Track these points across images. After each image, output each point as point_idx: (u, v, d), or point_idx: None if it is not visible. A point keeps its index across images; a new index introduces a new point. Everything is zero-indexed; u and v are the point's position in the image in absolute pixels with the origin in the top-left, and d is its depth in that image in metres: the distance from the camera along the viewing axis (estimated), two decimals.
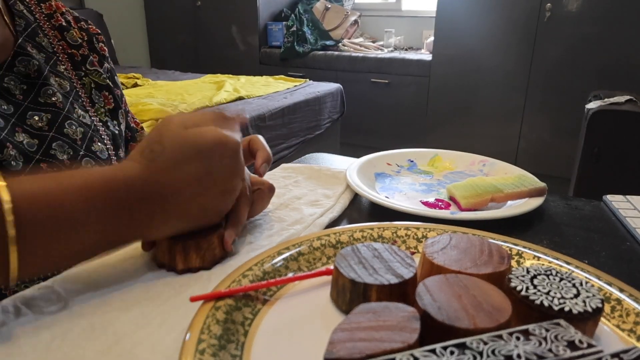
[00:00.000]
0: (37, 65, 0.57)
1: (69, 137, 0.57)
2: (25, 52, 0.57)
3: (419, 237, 0.47)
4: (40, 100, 0.57)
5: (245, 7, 3.54)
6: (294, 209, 0.56)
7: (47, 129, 0.56)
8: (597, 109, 1.92)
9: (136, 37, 4.01)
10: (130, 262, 0.44)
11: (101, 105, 0.65)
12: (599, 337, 0.35)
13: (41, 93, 0.57)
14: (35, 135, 0.55)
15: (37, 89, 0.57)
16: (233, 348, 0.32)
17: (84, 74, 0.65)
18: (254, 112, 2.08)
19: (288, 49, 3.44)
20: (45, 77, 0.58)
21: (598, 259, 0.49)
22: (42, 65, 0.58)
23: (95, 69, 0.66)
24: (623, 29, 2.46)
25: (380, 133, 3.31)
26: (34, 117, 0.55)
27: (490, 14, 2.78)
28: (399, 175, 0.72)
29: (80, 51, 0.65)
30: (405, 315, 0.30)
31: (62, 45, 0.64)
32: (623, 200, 0.62)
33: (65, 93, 0.60)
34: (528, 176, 0.64)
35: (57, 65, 0.61)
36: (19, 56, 0.56)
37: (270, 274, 0.40)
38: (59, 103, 0.58)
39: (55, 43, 0.63)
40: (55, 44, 0.63)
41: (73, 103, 0.60)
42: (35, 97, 0.56)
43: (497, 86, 2.87)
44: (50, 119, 0.56)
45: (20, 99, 0.55)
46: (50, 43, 0.62)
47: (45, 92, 0.57)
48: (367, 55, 3.29)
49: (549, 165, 2.76)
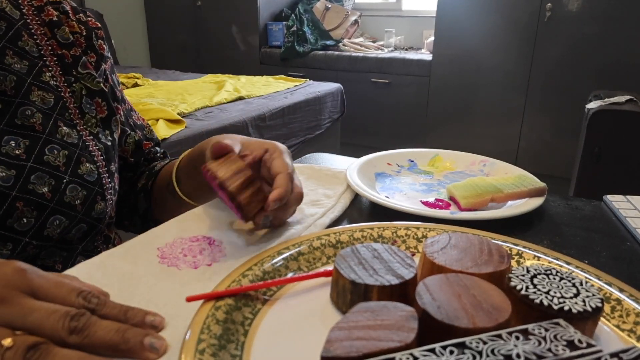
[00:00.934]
0: (14, 81, 0.52)
1: (50, 164, 0.52)
2: (2, 65, 0.51)
3: (419, 237, 0.47)
4: (17, 122, 0.51)
5: (245, 7, 3.54)
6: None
7: (24, 157, 0.50)
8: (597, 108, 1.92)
9: (136, 37, 4.01)
10: (132, 262, 0.44)
11: (92, 115, 0.60)
12: (598, 337, 0.35)
13: (18, 114, 0.51)
14: (12, 165, 0.49)
15: (14, 108, 0.51)
16: (233, 348, 0.32)
17: (74, 80, 0.59)
18: (254, 112, 2.08)
19: (288, 48, 3.44)
20: (23, 95, 0.52)
21: (598, 259, 0.49)
22: (22, 78, 0.53)
23: (88, 72, 0.60)
24: (623, 29, 2.46)
25: (381, 133, 3.31)
26: (10, 142, 0.50)
27: (490, 14, 2.78)
28: (399, 175, 0.72)
29: (72, 51, 0.59)
30: (404, 315, 0.30)
31: (52, 45, 0.58)
32: (623, 200, 0.62)
33: (48, 109, 0.54)
34: (528, 176, 0.64)
35: (42, 74, 0.55)
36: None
37: (270, 274, 0.40)
38: (38, 125, 0.52)
39: (44, 43, 0.57)
40: (43, 44, 0.57)
41: (57, 121, 0.55)
42: (11, 118, 0.51)
43: (497, 86, 2.87)
44: (29, 145, 0.51)
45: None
46: (37, 44, 0.56)
47: (22, 112, 0.52)
48: (367, 55, 3.29)
49: (549, 165, 2.76)
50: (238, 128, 1.96)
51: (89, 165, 0.56)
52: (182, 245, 0.47)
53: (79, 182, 0.54)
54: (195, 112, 2.02)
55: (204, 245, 0.47)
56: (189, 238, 0.49)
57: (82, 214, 0.54)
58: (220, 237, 0.49)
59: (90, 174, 0.56)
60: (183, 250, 0.46)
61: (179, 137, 1.71)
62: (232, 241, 0.48)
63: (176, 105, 2.04)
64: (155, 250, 0.46)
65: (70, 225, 0.53)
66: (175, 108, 1.97)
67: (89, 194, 0.55)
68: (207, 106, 2.11)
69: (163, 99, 2.16)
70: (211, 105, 2.14)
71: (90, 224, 0.56)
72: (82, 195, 0.54)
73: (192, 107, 2.04)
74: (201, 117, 1.96)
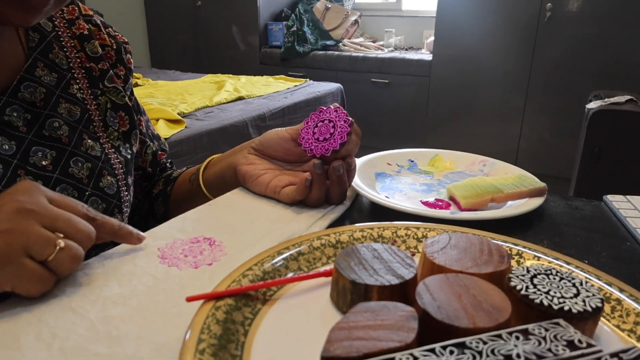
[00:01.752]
0: (43, 93, 0.53)
1: (74, 177, 0.54)
2: (33, 77, 0.53)
3: (419, 237, 0.47)
4: (44, 134, 0.53)
5: (245, 7, 3.54)
6: (296, 208, 0.56)
7: (51, 169, 0.52)
8: (597, 108, 1.92)
9: (136, 37, 4.01)
10: (132, 262, 0.44)
11: (115, 128, 0.61)
12: (598, 337, 0.35)
13: (46, 125, 0.53)
14: (39, 176, 0.51)
15: (42, 120, 0.53)
16: (233, 348, 0.32)
17: (101, 93, 0.60)
18: (255, 112, 2.09)
19: (288, 48, 3.44)
20: (52, 107, 0.54)
21: (598, 259, 0.49)
22: (51, 90, 0.54)
23: (114, 86, 0.61)
24: (623, 29, 2.46)
25: (381, 133, 3.31)
26: (37, 153, 0.52)
27: (490, 14, 2.78)
28: (399, 175, 0.72)
29: (100, 65, 0.60)
30: (404, 315, 0.30)
31: (81, 58, 0.59)
32: (623, 200, 0.62)
33: (74, 122, 0.56)
34: (528, 176, 0.64)
35: (70, 86, 0.57)
36: (25, 81, 0.52)
37: (270, 274, 0.40)
38: (65, 138, 0.54)
39: (73, 56, 0.58)
40: (72, 57, 0.58)
41: (82, 133, 0.56)
42: (39, 129, 0.52)
43: (497, 86, 2.87)
44: (55, 157, 0.53)
45: (24, 132, 0.51)
46: (67, 57, 0.57)
47: (50, 124, 0.53)
48: (367, 55, 3.29)
49: (549, 165, 2.76)
50: (238, 128, 1.96)
51: (110, 178, 0.58)
52: (183, 246, 0.47)
53: (99, 195, 0.56)
54: (195, 112, 2.02)
55: (205, 246, 0.47)
56: (189, 239, 0.49)
57: None
58: (220, 237, 0.49)
59: (110, 187, 0.58)
60: (184, 250, 0.46)
61: (179, 137, 1.71)
62: (233, 241, 0.48)
63: (176, 105, 2.04)
64: (156, 250, 0.46)
65: None
66: (176, 108, 1.97)
67: (108, 206, 0.57)
68: (207, 106, 2.11)
69: (163, 99, 2.16)
70: (211, 105, 2.14)
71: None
72: (101, 208, 0.56)
73: (192, 107, 2.05)
74: (201, 117, 1.97)
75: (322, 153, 0.54)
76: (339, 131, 0.53)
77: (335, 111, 0.55)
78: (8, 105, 0.51)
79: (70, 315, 0.36)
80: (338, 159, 0.54)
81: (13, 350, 0.32)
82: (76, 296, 0.38)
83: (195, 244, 0.48)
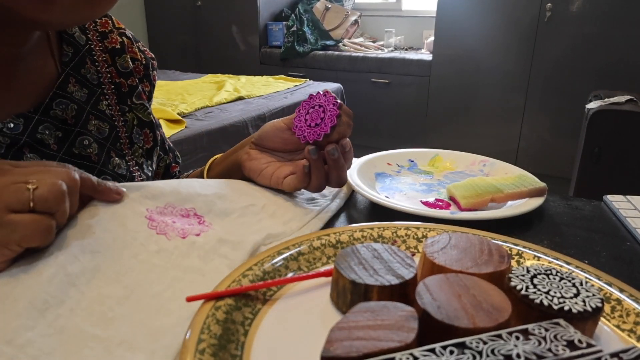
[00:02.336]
0: (75, 109, 0.53)
1: None
2: (65, 93, 0.53)
3: (419, 237, 0.47)
4: (74, 152, 0.53)
5: (245, 7, 3.54)
6: (289, 208, 0.56)
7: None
8: (597, 109, 1.92)
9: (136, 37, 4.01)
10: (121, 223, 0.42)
11: (140, 145, 0.61)
12: (598, 337, 0.35)
13: (76, 143, 0.53)
14: None
15: (73, 137, 0.53)
16: (233, 348, 0.32)
17: (129, 109, 0.60)
18: (254, 112, 2.09)
19: (288, 48, 3.44)
20: (82, 124, 0.54)
21: (598, 259, 0.49)
22: (82, 106, 0.54)
23: (141, 103, 0.61)
24: (623, 29, 2.46)
25: (381, 133, 3.31)
26: None
27: (490, 14, 2.78)
28: (399, 175, 0.72)
29: (129, 81, 0.60)
30: (404, 315, 0.30)
31: (111, 73, 0.59)
32: (623, 200, 0.62)
33: (103, 139, 0.56)
34: (528, 176, 0.64)
35: (100, 102, 0.57)
36: (57, 98, 0.52)
37: (270, 274, 0.40)
38: (94, 156, 0.54)
39: (104, 70, 0.58)
40: (103, 71, 0.58)
41: (110, 151, 0.57)
42: (70, 147, 0.52)
43: (497, 86, 2.87)
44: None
45: (55, 150, 0.51)
46: (98, 72, 0.57)
47: (80, 142, 0.53)
48: (367, 55, 3.29)
49: (549, 165, 2.76)
50: (238, 128, 1.96)
51: None
52: (173, 215, 0.46)
53: None
54: (195, 112, 2.02)
55: (193, 221, 0.46)
56: (180, 209, 0.47)
57: None
58: (211, 219, 0.48)
59: None
60: (172, 219, 0.45)
61: (179, 137, 1.71)
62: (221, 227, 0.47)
63: (176, 105, 2.04)
64: (144, 211, 0.44)
65: None
66: (175, 108, 1.97)
67: None
68: (207, 106, 2.11)
69: (163, 99, 2.16)
70: (211, 105, 2.14)
71: None
72: None
73: (192, 107, 2.05)
74: (201, 117, 1.97)
75: (314, 138, 0.54)
76: (328, 115, 0.54)
77: (324, 96, 0.55)
78: (40, 124, 0.50)
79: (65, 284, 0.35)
80: (332, 142, 0.54)
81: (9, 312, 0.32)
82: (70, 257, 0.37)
83: (185, 219, 0.46)
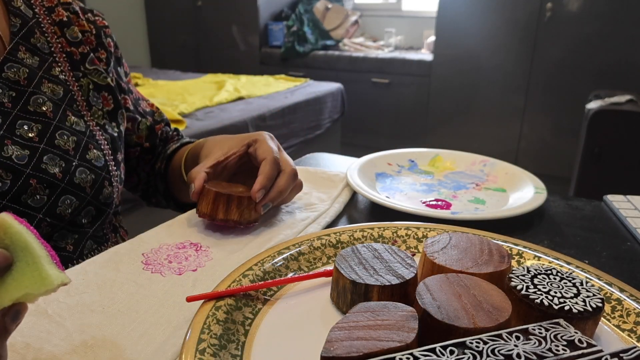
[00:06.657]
0: (27, 73, 0.55)
1: (61, 148, 0.56)
2: (15, 59, 0.55)
3: (420, 237, 0.47)
4: (29, 109, 0.55)
5: (245, 7, 3.53)
6: (287, 212, 0.56)
7: (37, 140, 0.54)
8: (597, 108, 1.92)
9: (136, 37, 4.01)
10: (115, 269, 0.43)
11: (99, 107, 0.63)
12: (599, 337, 0.35)
13: (30, 102, 0.55)
14: (26, 146, 0.53)
15: (27, 96, 0.55)
16: (233, 348, 0.32)
17: (82, 75, 0.62)
18: (255, 112, 2.08)
19: (288, 48, 3.44)
20: (35, 85, 0.56)
21: (599, 259, 0.49)
22: (34, 71, 0.56)
23: (95, 68, 0.63)
24: (623, 28, 2.46)
25: (381, 133, 3.31)
26: (23, 126, 0.54)
27: (491, 14, 2.78)
28: (399, 175, 0.72)
29: (80, 49, 0.62)
30: (404, 315, 0.30)
31: (61, 43, 0.61)
32: (624, 200, 0.62)
33: (58, 100, 0.58)
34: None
35: (52, 69, 0.59)
36: (8, 62, 0.54)
37: (270, 274, 0.40)
38: (49, 112, 0.56)
39: (54, 41, 0.60)
40: (53, 42, 0.60)
41: (66, 110, 0.58)
42: (24, 105, 0.55)
43: (497, 86, 2.86)
44: (41, 129, 0.55)
45: (9, 107, 0.53)
46: (48, 42, 0.60)
47: (35, 100, 0.55)
48: (367, 55, 3.28)
49: (549, 165, 2.76)
50: (238, 128, 1.96)
51: (96, 151, 0.60)
52: (168, 252, 0.47)
53: (87, 166, 0.58)
54: (196, 112, 2.02)
55: (190, 252, 0.47)
56: (175, 244, 0.48)
57: (91, 196, 0.58)
58: (207, 242, 0.49)
59: (98, 160, 0.59)
60: (168, 256, 0.46)
61: None
62: (219, 246, 0.48)
63: (176, 105, 2.04)
64: (140, 256, 0.46)
65: (80, 206, 0.57)
66: (176, 108, 1.97)
67: (97, 178, 0.59)
68: (207, 106, 2.11)
69: (163, 99, 2.16)
70: (211, 105, 2.14)
71: (98, 208, 0.59)
72: (90, 179, 0.58)
73: (193, 107, 2.05)
74: (201, 117, 1.96)
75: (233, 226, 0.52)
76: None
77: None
78: None
79: (45, 323, 0.35)
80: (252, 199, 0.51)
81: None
82: (54, 302, 0.38)
83: (181, 250, 0.47)
